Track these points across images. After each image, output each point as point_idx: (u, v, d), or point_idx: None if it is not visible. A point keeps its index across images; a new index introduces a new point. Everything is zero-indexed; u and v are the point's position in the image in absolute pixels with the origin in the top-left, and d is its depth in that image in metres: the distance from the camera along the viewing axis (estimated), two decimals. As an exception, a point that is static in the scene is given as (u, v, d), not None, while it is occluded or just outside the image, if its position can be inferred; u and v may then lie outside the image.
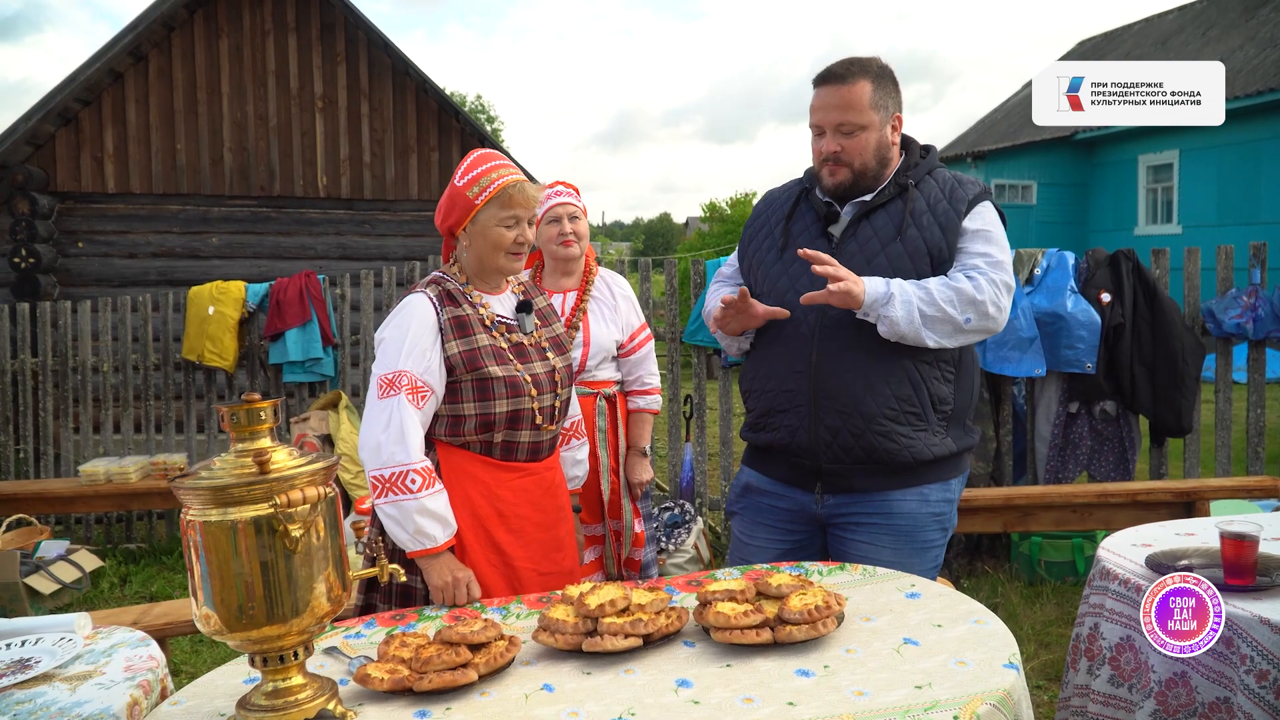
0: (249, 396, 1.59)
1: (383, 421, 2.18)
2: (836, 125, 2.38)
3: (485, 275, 2.37)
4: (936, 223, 2.37)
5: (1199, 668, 2.02)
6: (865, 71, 2.38)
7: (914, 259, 2.35)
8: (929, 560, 2.46)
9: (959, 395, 2.42)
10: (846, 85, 2.37)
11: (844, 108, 2.36)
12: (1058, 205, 18.48)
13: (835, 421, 2.35)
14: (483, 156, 2.34)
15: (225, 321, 5.95)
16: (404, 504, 2.15)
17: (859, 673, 1.62)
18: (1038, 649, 3.96)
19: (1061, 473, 5.04)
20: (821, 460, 2.38)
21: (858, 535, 2.42)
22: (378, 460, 2.18)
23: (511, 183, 2.27)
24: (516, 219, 2.29)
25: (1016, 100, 23.17)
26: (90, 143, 8.41)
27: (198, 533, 1.52)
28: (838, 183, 2.42)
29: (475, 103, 40.40)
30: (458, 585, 2.17)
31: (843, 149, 2.38)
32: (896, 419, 2.33)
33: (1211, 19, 18.68)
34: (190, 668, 4.04)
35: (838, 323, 2.35)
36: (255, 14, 8.62)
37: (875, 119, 2.38)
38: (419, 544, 2.17)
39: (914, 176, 2.43)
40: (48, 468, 6.30)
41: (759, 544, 2.56)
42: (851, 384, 2.32)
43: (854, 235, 2.41)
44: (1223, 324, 5.00)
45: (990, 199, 2.47)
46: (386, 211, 8.89)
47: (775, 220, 2.58)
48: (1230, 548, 2.11)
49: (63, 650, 1.88)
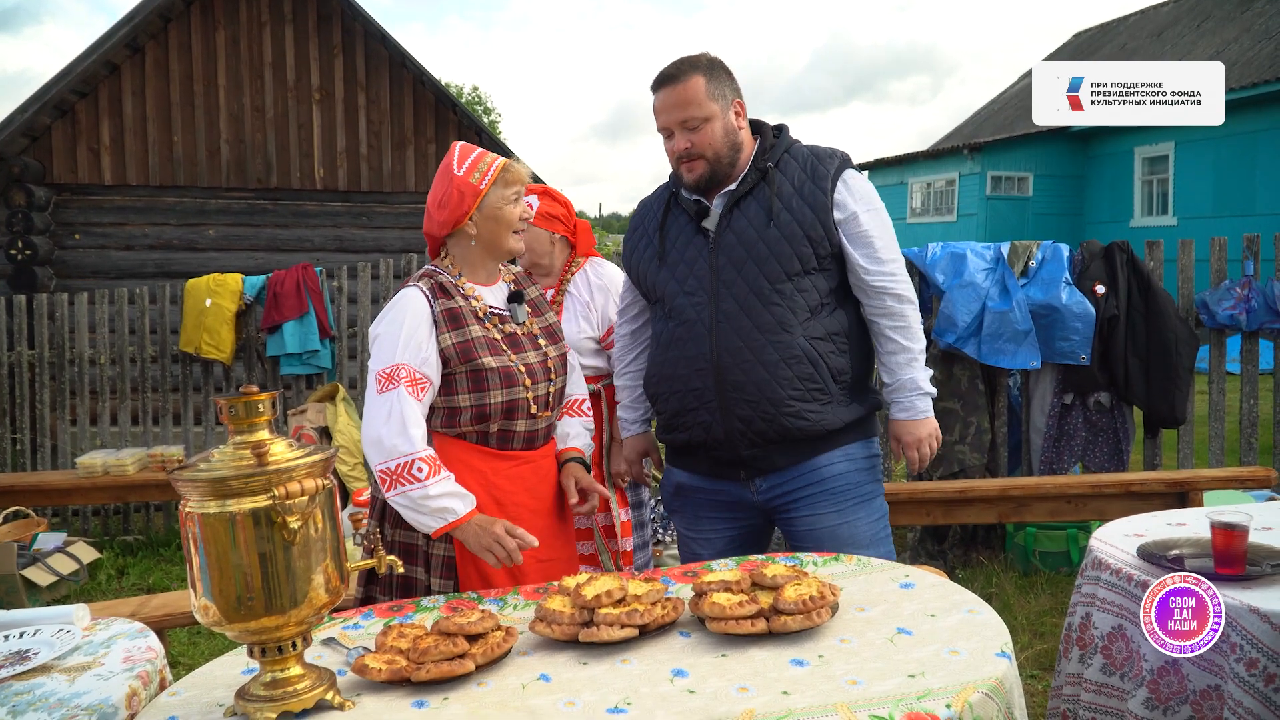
0: (247, 389, 1.60)
1: (383, 415, 2.20)
2: (681, 123, 2.45)
3: (484, 263, 2.39)
4: (806, 204, 2.42)
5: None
6: (695, 67, 2.46)
7: (791, 242, 2.40)
8: (875, 511, 2.55)
9: (855, 364, 2.50)
10: (681, 83, 2.44)
11: (683, 105, 2.44)
12: (1054, 197, 18.51)
13: (746, 411, 2.40)
14: (467, 147, 2.39)
15: (222, 314, 5.95)
16: (413, 493, 2.18)
17: (853, 662, 1.64)
18: (1032, 639, 3.99)
19: (1056, 464, 5.06)
20: (740, 449, 2.45)
21: (799, 510, 2.48)
22: (382, 454, 2.19)
23: (506, 162, 2.36)
24: (518, 194, 2.37)
25: (1013, 92, 23.16)
26: (87, 135, 8.40)
27: (196, 524, 1.53)
28: (697, 177, 2.47)
29: (472, 94, 40.25)
30: (501, 540, 2.18)
31: (692, 144, 2.45)
32: (802, 397, 2.40)
33: (1207, 10, 18.67)
34: (188, 659, 4.06)
35: (730, 316, 2.41)
36: (252, 6, 8.60)
37: (715, 108, 2.44)
38: (443, 520, 2.20)
39: (771, 158, 2.48)
40: (45, 460, 6.30)
41: (705, 537, 2.62)
42: (754, 372, 2.39)
43: (728, 226, 2.46)
44: (1216, 315, 5.01)
45: (850, 166, 2.52)
46: (383, 204, 8.89)
47: (651, 229, 2.64)
48: (1220, 537, 2.13)
49: (61, 642, 1.89)
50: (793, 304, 2.39)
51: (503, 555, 2.18)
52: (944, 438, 4.98)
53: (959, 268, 5.01)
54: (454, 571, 2.31)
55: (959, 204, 19.42)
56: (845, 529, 2.46)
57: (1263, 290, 4.96)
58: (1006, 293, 4.92)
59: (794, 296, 2.40)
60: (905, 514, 4.66)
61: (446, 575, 2.30)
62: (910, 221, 21.14)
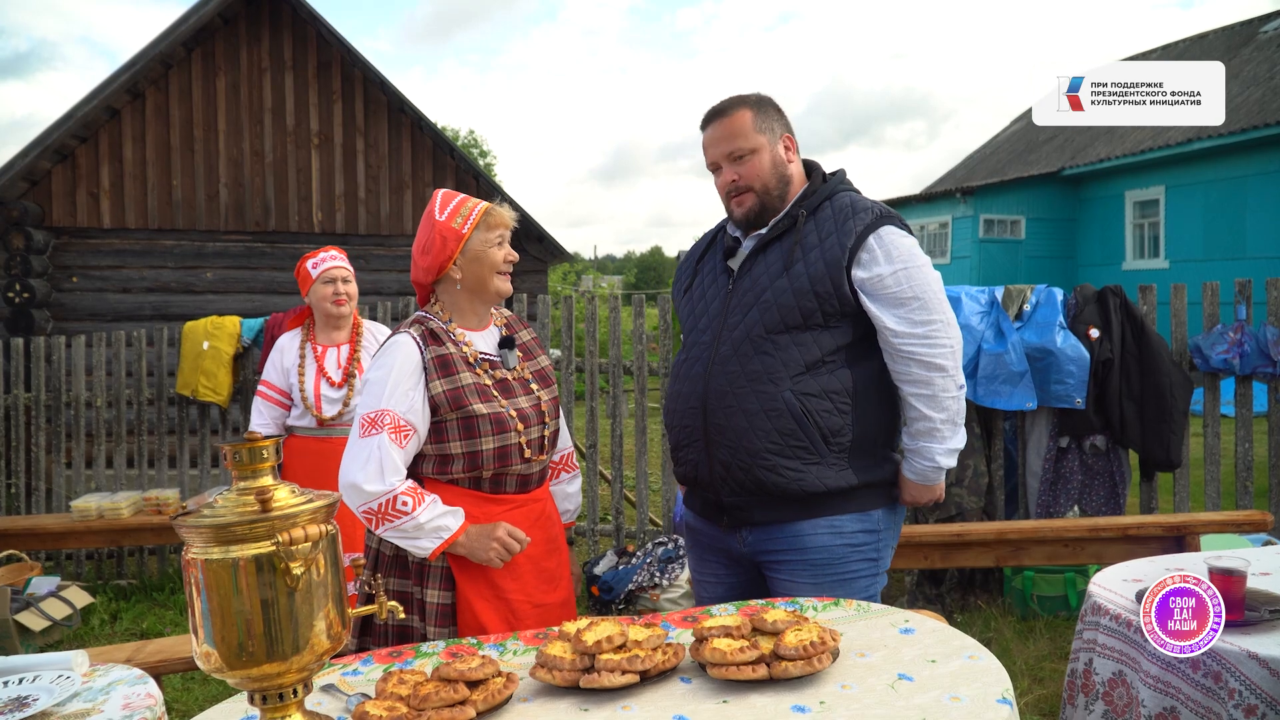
0: (251, 435, 1.60)
1: (361, 460, 2.22)
2: (728, 155, 2.44)
3: (473, 307, 2.42)
4: (823, 258, 2.34)
5: (1188, 702, 2.04)
6: (743, 102, 2.46)
7: (797, 295, 2.33)
8: (857, 592, 2.40)
9: (859, 426, 2.36)
10: (728, 117, 2.45)
11: (731, 137, 2.43)
12: (1046, 240, 18.66)
13: (725, 456, 2.37)
14: (449, 194, 2.43)
15: (220, 356, 5.96)
16: (404, 525, 2.21)
17: (854, 708, 1.63)
18: (1031, 684, 3.97)
19: (1053, 507, 5.07)
20: (721, 494, 2.41)
21: (779, 573, 2.42)
22: (360, 497, 2.21)
23: (489, 206, 2.39)
24: (502, 237, 2.40)
25: (1005, 136, 23.45)
26: (86, 179, 8.46)
27: (199, 570, 1.53)
28: (746, 210, 2.46)
29: (468, 137, 40.59)
30: (504, 544, 2.24)
31: (739, 176, 2.44)
32: (780, 453, 2.32)
33: (1195, 57, 18.96)
34: (182, 705, 4.02)
35: (725, 359, 2.39)
36: (253, 52, 8.72)
37: (763, 141, 2.43)
38: (439, 539, 2.23)
39: (809, 205, 2.43)
40: (39, 503, 6.27)
41: (709, 580, 2.61)
42: (735, 419, 2.35)
43: (749, 270, 2.44)
44: (1210, 359, 5.05)
45: (889, 223, 2.39)
46: (381, 246, 8.94)
47: (693, 259, 2.68)
48: (1219, 583, 2.13)
49: (60, 688, 1.88)
50: (785, 356, 2.33)
51: (505, 553, 2.24)
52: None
53: (954, 311, 5.05)
54: (452, 619, 2.31)
55: (952, 246, 19.58)
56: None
57: (1255, 335, 5.00)
58: (1002, 335, 4.96)
59: (789, 349, 2.33)
60: (902, 558, 4.65)
61: (443, 623, 2.30)
62: (904, 264, 21.22)
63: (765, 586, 2.51)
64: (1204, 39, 20.01)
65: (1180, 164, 16.00)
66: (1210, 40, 19.69)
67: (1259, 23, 18.60)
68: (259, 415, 3.97)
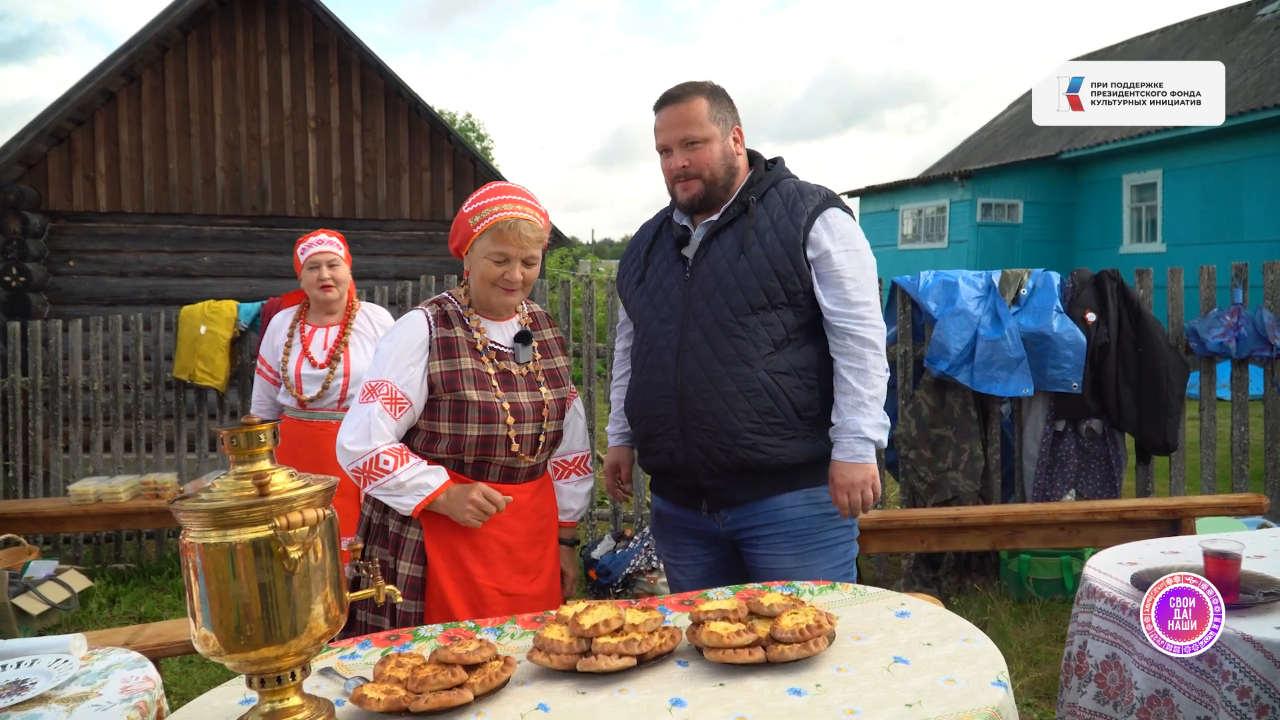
0: (248, 419, 1.61)
1: (354, 423, 2.30)
2: (680, 140, 2.48)
3: (488, 298, 2.41)
4: (779, 239, 2.41)
5: (1181, 685, 2.05)
6: (699, 90, 2.49)
7: (759, 276, 2.40)
8: (836, 558, 2.50)
9: (825, 400, 2.47)
10: (684, 103, 2.48)
11: (685, 124, 2.47)
12: (1044, 224, 18.64)
13: (705, 440, 2.42)
14: (496, 189, 2.37)
15: (217, 340, 5.96)
16: (386, 483, 2.26)
17: (850, 691, 1.64)
18: (1027, 666, 3.99)
19: (1049, 491, 5.08)
20: (700, 478, 2.45)
21: (759, 548, 2.48)
22: (348, 458, 2.29)
23: (505, 219, 2.29)
24: (505, 256, 2.31)
25: (1003, 120, 23.39)
26: (83, 162, 8.43)
27: (197, 554, 1.53)
28: (691, 196, 2.50)
29: (465, 121, 40.45)
30: (480, 506, 2.26)
31: (690, 162, 2.47)
32: (760, 430, 2.39)
33: (1193, 40, 18.93)
34: (180, 689, 4.03)
35: (694, 345, 2.43)
36: (249, 35, 8.66)
37: (716, 131, 2.47)
38: (419, 496, 2.26)
39: (757, 192, 2.49)
40: (37, 487, 6.27)
41: (683, 564, 2.64)
42: (713, 403, 2.40)
43: (705, 256, 2.48)
44: (1206, 343, 5.05)
45: (834, 205, 2.48)
46: (378, 231, 8.92)
47: (640, 251, 2.68)
48: (1213, 565, 2.15)
49: (59, 672, 1.88)
50: (755, 337, 2.39)
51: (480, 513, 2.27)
52: (937, 465, 5.06)
53: (951, 296, 5.05)
54: (420, 593, 2.34)
55: (950, 230, 19.55)
56: (802, 573, 2.42)
57: (1252, 318, 5.01)
58: (998, 320, 4.96)
59: (757, 330, 2.40)
60: (899, 541, 4.67)
61: (411, 595, 2.33)
62: (901, 248, 21.27)
63: (743, 564, 2.56)
64: (1202, 21, 19.93)
65: (1177, 148, 15.97)
66: (1208, 23, 19.61)
67: (1256, 5, 18.52)
68: (257, 390, 4.02)
